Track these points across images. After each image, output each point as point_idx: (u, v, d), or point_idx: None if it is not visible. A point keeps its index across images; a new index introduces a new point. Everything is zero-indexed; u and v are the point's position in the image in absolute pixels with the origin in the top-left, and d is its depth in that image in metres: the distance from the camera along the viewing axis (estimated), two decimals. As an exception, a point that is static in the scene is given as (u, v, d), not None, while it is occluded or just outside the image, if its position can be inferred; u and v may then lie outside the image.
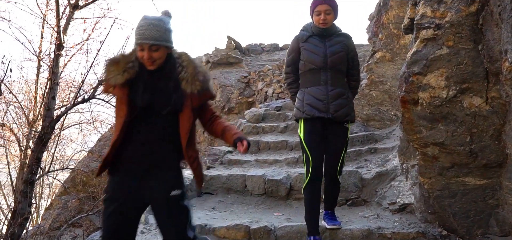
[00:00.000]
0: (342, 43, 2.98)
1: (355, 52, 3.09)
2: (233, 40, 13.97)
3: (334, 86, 2.92)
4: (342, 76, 3.00)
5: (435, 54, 2.44)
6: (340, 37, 3.01)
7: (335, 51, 2.94)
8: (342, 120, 2.94)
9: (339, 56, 2.94)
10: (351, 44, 3.05)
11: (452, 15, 2.35)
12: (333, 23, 3.01)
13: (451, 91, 2.45)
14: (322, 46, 2.95)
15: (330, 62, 2.91)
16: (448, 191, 2.82)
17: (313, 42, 2.98)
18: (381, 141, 5.25)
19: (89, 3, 7.76)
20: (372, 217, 3.53)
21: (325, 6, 2.91)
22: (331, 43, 2.95)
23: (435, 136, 2.63)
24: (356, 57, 3.09)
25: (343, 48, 2.97)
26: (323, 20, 2.91)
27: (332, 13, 2.94)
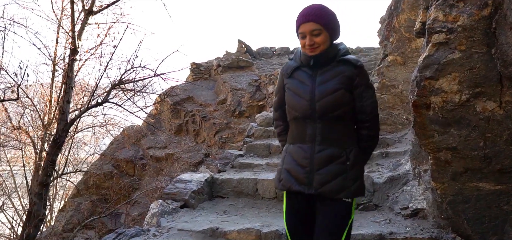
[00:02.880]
0: (342, 75, 1.95)
1: (366, 85, 2.00)
2: (243, 43, 14.03)
3: (324, 145, 1.95)
4: (340, 127, 1.97)
5: (447, 58, 2.42)
6: (340, 67, 1.98)
7: (327, 90, 1.92)
8: (333, 196, 1.94)
9: (333, 98, 1.91)
10: (359, 75, 1.98)
11: (464, 19, 2.33)
12: (330, 46, 2.00)
13: (464, 95, 2.43)
14: (309, 84, 1.97)
15: (320, 108, 1.92)
16: (462, 196, 2.79)
17: (299, 77, 2.02)
18: (392, 145, 5.22)
19: (103, 8, 7.90)
20: (384, 222, 3.51)
21: (310, 25, 1.92)
22: (324, 78, 1.96)
23: (447, 140, 2.60)
24: (369, 94, 2.00)
25: (341, 83, 1.93)
26: (309, 45, 1.94)
27: (324, 33, 1.94)
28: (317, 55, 1.96)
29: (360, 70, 1.97)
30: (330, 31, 1.96)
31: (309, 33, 1.92)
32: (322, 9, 1.94)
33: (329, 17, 1.95)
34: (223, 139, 11.32)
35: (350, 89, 1.94)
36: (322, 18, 1.92)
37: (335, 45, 2.02)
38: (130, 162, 11.91)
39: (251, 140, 6.15)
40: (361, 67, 1.97)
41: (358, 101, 1.97)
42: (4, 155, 11.22)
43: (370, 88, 2.00)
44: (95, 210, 9.67)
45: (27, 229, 6.40)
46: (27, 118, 9.92)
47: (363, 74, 1.97)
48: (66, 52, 8.66)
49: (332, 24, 1.96)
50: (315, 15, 1.91)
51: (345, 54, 2.02)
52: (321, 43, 1.94)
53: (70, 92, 7.38)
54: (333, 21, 1.97)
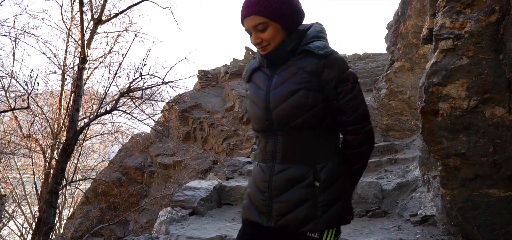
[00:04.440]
0: (302, 71, 1.48)
1: (341, 77, 1.47)
2: (251, 50, 14.10)
3: (286, 164, 1.51)
4: (309, 139, 1.50)
5: (455, 64, 2.42)
6: (301, 61, 1.50)
7: (282, 93, 1.49)
8: (295, 230, 1.49)
9: (291, 103, 1.47)
10: (327, 66, 1.47)
11: (471, 25, 2.33)
12: (287, 38, 1.52)
13: (472, 101, 2.42)
14: (264, 88, 1.56)
15: (276, 118, 1.50)
16: (472, 203, 2.76)
17: (257, 81, 1.62)
18: (401, 152, 5.20)
19: (111, 17, 8.02)
20: (393, 229, 3.49)
21: (252, 19, 1.48)
22: (280, 79, 1.52)
23: (456, 147, 2.59)
24: (346, 87, 1.48)
25: (301, 82, 1.47)
26: (255, 44, 1.53)
27: (272, 25, 1.48)
28: (269, 54, 1.52)
29: (327, 60, 1.44)
30: (281, 21, 1.47)
31: (253, 28, 1.48)
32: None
33: (275, 3, 1.45)
34: (231, 146, 11.34)
35: (316, 87, 1.45)
36: (265, 8, 1.45)
37: (296, 33, 1.52)
38: (139, 170, 11.98)
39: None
40: (328, 55, 1.44)
41: (332, 100, 1.46)
42: (14, 163, 11.36)
43: (347, 81, 1.46)
44: (104, 218, 9.73)
45: (37, 236, 6.46)
46: (37, 126, 10.06)
47: (333, 63, 1.45)
48: (75, 60, 8.80)
49: (281, 11, 1.46)
50: (255, 5, 1.45)
51: (311, 41, 1.50)
52: (270, 38, 1.49)
53: (79, 100, 7.48)
54: (282, 7, 1.46)
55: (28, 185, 11.67)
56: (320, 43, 1.49)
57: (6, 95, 7.89)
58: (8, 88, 7.85)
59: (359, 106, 1.48)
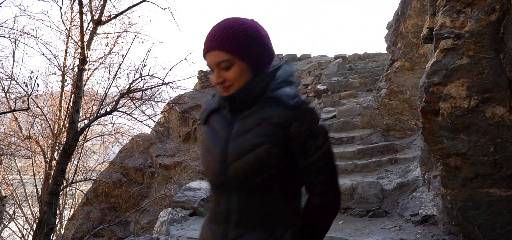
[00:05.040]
0: (268, 122, 1.25)
1: (311, 132, 1.25)
2: (251, 51, 14.09)
3: (242, 229, 1.29)
4: (269, 201, 1.29)
5: (455, 64, 2.42)
6: (267, 109, 1.27)
7: (243, 146, 1.26)
8: None
9: (252, 159, 1.24)
10: (296, 119, 1.24)
11: (472, 24, 2.33)
12: (253, 79, 1.29)
13: (473, 101, 2.42)
14: (223, 135, 1.32)
15: (234, 173, 1.27)
16: (472, 203, 2.76)
17: (214, 125, 1.37)
18: (401, 151, 5.19)
19: (111, 18, 8.02)
20: (394, 228, 3.49)
21: (215, 55, 1.26)
22: (242, 127, 1.29)
23: (457, 146, 2.59)
24: (317, 144, 1.25)
25: (265, 135, 1.24)
26: (216, 83, 1.30)
27: (238, 63, 1.26)
28: (231, 97, 1.28)
29: (297, 112, 1.23)
30: (248, 59, 1.26)
31: (216, 66, 1.26)
32: (230, 29, 1.25)
33: (243, 39, 1.24)
34: (231, 146, 11.32)
35: (281, 143, 1.22)
36: (231, 43, 1.23)
37: (264, 76, 1.29)
38: (139, 170, 11.98)
39: (259, 147, 6.15)
40: (298, 106, 1.23)
41: (300, 158, 1.25)
42: (15, 164, 11.36)
43: (317, 136, 1.24)
44: (104, 219, 9.73)
45: (38, 237, 6.46)
46: (37, 127, 10.06)
47: (304, 116, 1.24)
48: (75, 62, 8.80)
49: (249, 49, 1.25)
50: (219, 39, 1.24)
51: (280, 87, 1.28)
52: (234, 79, 1.26)
53: (80, 101, 7.48)
54: (251, 44, 1.25)
55: (28, 186, 11.67)
56: (290, 90, 1.28)
57: (6, 97, 7.89)
58: (8, 89, 7.85)
59: (329, 165, 1.29)
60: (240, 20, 1.28)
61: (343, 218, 3.97)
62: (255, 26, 1.30)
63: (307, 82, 10.98)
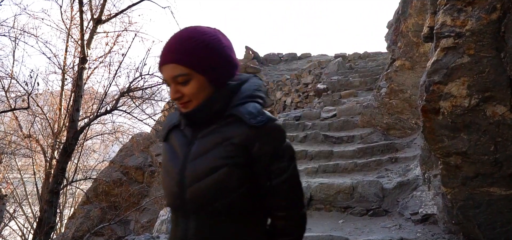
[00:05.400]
0: (228, 142, 1.15)
1: (276, 153, 1.16)
2: (251, 50, 14.10)
3: None
4: (230, 226, 1.18)
5: (456, 62, 2.41)
6: (231, 129, 1.16)
7: (201, 168, 1.16)
8: None
9: (211, 182, 1.14)
10: (258, 139, 1.14)
11: (472, 23, 2.33)
12: (214, 94, 1.18)
13: (473, 99, 2.42)
14: (181, 155, 1.22)
15: (191, 197, 1.17)
16: (473, 201, 2.76)
17: (174, 144, 1.27)
18: (401, 150, 5.19)
19: (111, 17, 8.01)
20: (394, 227, 3.49)
21: (171, 69, 1.15)
22: (201, 147, 1.19)
23: (457, 145, 2.59)
24: (282, 166, 1.17)
25: (225, 156, 1.14)
26: (174, 99, 1.19)
27: (197, 78, 1.15)
28: (189, 114, 1.18)
29: (259, 131, 1.12)
30: (207, 73, 1.15)
31: (172, 80, 1.15)
32: (188, 40, 1.14)
33: (202, 51, 1.14)
34: (231, 145, 11.33)
35: (243, 165, 1.13)
36: (188, 56, 1.13)
37: (227, 90, 1.19)
38: (139, 169, 11.98)
39: (259, 146, 6.15)
40: (261, 125, 1.12)
41: (264, 181, 1.16)
42: (15, 163, 11.36)
43: (283, 157, 1.16)
44: (104, 217, 9.73)
45: (38, 236, 6.46)
46: (37, 126, 10.06)
47: (268, 135, 1.14)
48: (75, 60, 8.79)
49: (208, 61, 1.15)
50: (176, 51, 1.14)
51: (243, 102, 1.17)
52: (192, 94, 1.15)
53: (80, 100, 7.47)
54: (210, 56, 1.15)
55: (29, 185, 11.67)
56: (254, 107, 1.16)
57: (6, 95, 7.89)
58: (8, 88, 7.85)
59: (295, 188, 1.21)
60: (199, 30, 1.17)
61: (343, 217, 3.97)
62: (216, 36, 1.18)
63: (307, 81, 10.98)
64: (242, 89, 1.21)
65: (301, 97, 10.80)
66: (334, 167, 4.92)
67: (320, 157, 5.35)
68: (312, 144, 5.82)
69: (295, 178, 1.20)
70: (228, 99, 1.19)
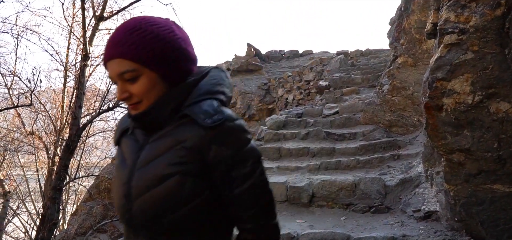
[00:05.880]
0: (179, 147, 1.00)
1: (236, 157, 1.00)
2: (253, 47, 14.07)
3: None
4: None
5: (459, 59, 2.40)
6: (184, 131, 1.01)
7: (148, 178, 1.01)
8: None
9: (161, 192, 0.99)
10: (214, 142, 0.98)
11: (476, 19, 2.31)
12: (168, 94, 1.04)
13: (477, 96, 2.41)
14: (130, 162, 1.08)
15: (138, 211, 1.02)
16: (476, 199, 2.75)
17: (125, 149, 1.13)
18: (404, 147, 5.18)
19: (113, 14, 8.00)
20: (396, 224, 3.49)
21: (117, 64, 1.00)
22: (150, 153, 1.04)
23: (460, 142, 2.58)
24: (243, 172, 1.00)
25: (176, 163, 0.99)
26: (123, 99, 1.04)
27: (147, 74, 1.01)
28: (140, 116, 1.03)
29: (216, 133, 0.98)
30: (159, 68, 1.01)
31: (118, 77, 1.00)
32: (136, 31, 0.99)
33: (153, 43, 0.99)
34: (233, 142, 11.35)
35: (198, 172, 0.99)
36: (136, 49, 0.98)
37: (183, 87, 1.05)
38: (141, 166, 11.99)
39: (261, 143, 6.16)
40: (218, 125, 0.98)
41: (224, 190, 1.01)
42: (18, 160, 11.40)
43: (245, 161, 1.00)
44: (107, 214, 9.75)
45: (41, 232, 6.49)
46: (40, 123, 10.07)
47: (226, 137, 0.99)
48: (77, 58, 8.82)
49: (160, 55, 1.00)
50: (122, 44, 0.99)
51: (200, 100, 1.03)
52: (142, 93, 1.01)
53: (82, 97, 7.48)
54: (164, 49, 1.01)
55: (31, 182, 11.71)
56: (210, 105, 1.01)
57: (9, 93, 7.91)
58: (11, 85, 7.87)
59: (262, 196, 1.04)
60: (149, 20, 1.03)
61: (345, 214, 3.97)
62: (168, 27, 1.04)
63: (309, 78, 10.96)
64: (200, 85, 1.07)
65: (303, 94, 10.78)
66: (336, 164, 4.92)
67: (322, 154, 5.35)
68: (314, 141, 5.81)
69: (261, 185, 1.03)
70: (184, 98, 1.04)
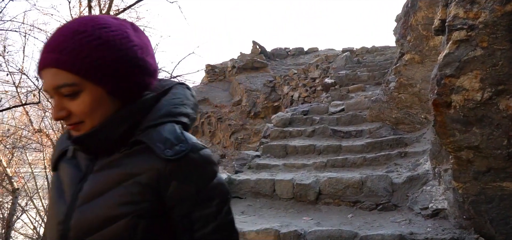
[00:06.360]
0: (135, 181, 0.81)
1: (206, 196, 0.84)
2: (258, 44, 14.06)
3: None
4: None
5: (468, 55, 2.38)
6: (137, 162, 0.82)
7: (92, 218, 0.81)
8: None
9: (106, 237, 0.80)
10: (175, 176, 0.81)
11: (486, 15, 2.29)
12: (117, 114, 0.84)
13: (486, 93, 2.39)
14: (69, 195, 0.86)
15: None
16: (485, 196, 2.73)
17: (63, 177, 0.90)
18: (411, 145, 5.15)
19: (119, 12, 8.04)
20: (404, 222, 3.47)
21: (54, 74, 0.79)
22: (95, 185, 0.83)
23: (469, 139, 2.56)
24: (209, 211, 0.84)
25: (128, 202, 0.80)
26: (59, 118, 0.82)
27: (91, 89, 0.80)
28: (80, 139, 0.84)
29: (178, 166, 0.81)
30: (107, 82, 0.81)
31: (54, 91, 0.81)
32: (78, 35, 0.79)
33: (97, 50, 0.79)
34: (239, 140, 11.35)
35: (153, 213, 0.82)
36: (78, 57, 0.78)
37: (138, 105, 0.86)
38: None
39: (267, 140, 6.17)
40: (181, 157, 0.81)
41: (184, 234, 0.85)
42: (26, 157, 11.51)
43: (211, 200, 0.84)
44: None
45: (49, 229, 6.56)
46: (48, 121, 10.16)
47: (188, 172, 0.82)
48: (84, 56, 8.84)
49: (108, 65, 0.80)
50: (58, 50, 0.79)
51: (159, 123, 0.85)
52: (83, 113, 0.81)
53: (89, 95, 7.53)
54: (112, 57, 0.81)
55: (39, 179, 11.83)
56: (172, 130, 0.84)
57: (17, 91, 7.98)
58: (19, 83, 7.94)
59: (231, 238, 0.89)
60: (98, 21, 0.81)
61: (352, 211, 3.96)
62: (120, 30, 0.82)
63: (315, 76, 10.93)
64: (161, 104, 0.88)
65: (309, 91, 10.76)
66: (343, 162, 4.91)
67: (329, 151, 5.34)
68: (320, 139, 5.80)
69: (227, 228, 0.87)
70: (139, 118, 0.85)
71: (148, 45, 0.89)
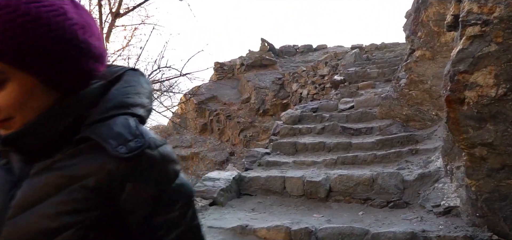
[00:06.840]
0: (80, 186, 0.66)
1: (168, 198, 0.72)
2: (266, 42, 14.05)
3: None
4: None
5: (482, 51, 2.36)
6: (83, 163, 0.67)
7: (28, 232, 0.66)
8: None
9: None
10: (130, 176, 0.67)
11: (501, 10, 2.26)
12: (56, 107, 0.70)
13: (501, 89, 2.36)
14: None
15: None
16: (498, 194, 2.71)
17: None
18: (422, 142, 5.11)
19: (129, 10, 8.09)
20: (416, 220, 3.45)
21: None
22: (33, 193, 0.68)
23: (483, 136, 2.54)
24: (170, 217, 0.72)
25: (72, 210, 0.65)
26: None
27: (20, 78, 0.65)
28: (10, 139, 0.70)
29: (133, 166, 0.68)
30: (39, 69, 0.67)
31: None
32: (2, 11, 0.63)
33: (25, 31, 0.64)
34: (248, 137, 11.37)
35: (105, 222, 0.69)
36: (3, 40, 0.63)
37: (81, 96, 0.73)
38: (157, 161, 12.15)
39: (277, 138, 6.17)
40: (135, 156, 0.67)
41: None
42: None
43: (173, 203, 0.73)
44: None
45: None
46: None
47: (145, 171, 0.69)
48: (94, 54, 8.92)
49: (41, 49, 0.65)
50: None
51: (109, 116, 0.71)
52: (12, 106, 0.67)
53: (100, 93, 7.60)
54: (45, 39, 0.65)
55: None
56: (126, 124, 0.71)
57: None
58: None
59: None
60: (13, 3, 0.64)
61: (363, 208, 3.95)
62: (57, 6, 0.68)
63: (324, 73, 10.89)
64: (111, 94, 0.75)
65: (318, 89, 10.72)
66: (353, 159, 4.89)
67: (339, 149, 5.32)
68: (330, 136, 5.78)
69: (194, 234, 0.77)
70: (84, 112, 0.72)
71: (92, 24, 0.73)
